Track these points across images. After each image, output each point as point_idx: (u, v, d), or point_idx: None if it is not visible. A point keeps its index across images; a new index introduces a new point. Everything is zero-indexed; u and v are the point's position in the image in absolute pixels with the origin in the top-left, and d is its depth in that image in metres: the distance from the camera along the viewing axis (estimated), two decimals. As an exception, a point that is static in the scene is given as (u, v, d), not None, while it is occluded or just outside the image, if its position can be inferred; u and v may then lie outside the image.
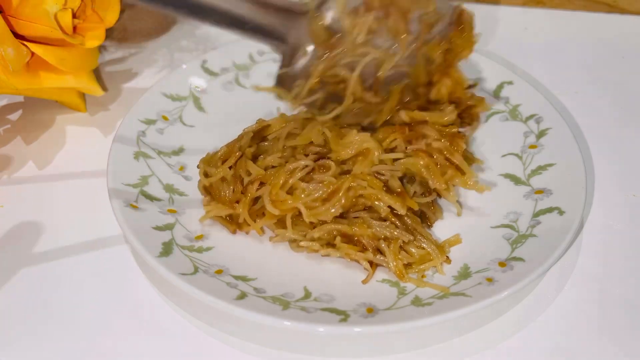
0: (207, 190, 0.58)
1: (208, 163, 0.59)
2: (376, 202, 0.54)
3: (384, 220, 0.54)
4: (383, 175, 0.56)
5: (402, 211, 0.54)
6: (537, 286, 0.54)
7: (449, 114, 0.59)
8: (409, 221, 0.55)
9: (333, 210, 0.54)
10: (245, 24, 0.54)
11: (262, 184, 0.56)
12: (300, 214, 0.54)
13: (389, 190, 0.55)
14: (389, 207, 0.54)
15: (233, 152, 0.58)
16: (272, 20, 0.55)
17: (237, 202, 0.56)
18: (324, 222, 0.55)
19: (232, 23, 0.53)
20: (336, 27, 0.56)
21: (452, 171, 0.58)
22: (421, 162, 0.57)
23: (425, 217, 0.58)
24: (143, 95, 0.66)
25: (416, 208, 0.55)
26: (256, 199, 0.56)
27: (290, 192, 0.54)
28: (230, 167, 0.57)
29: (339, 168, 0.55)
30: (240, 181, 0.57)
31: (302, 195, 0.54)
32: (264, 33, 0.55)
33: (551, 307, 0.52)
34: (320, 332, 0.47)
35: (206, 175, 0.58)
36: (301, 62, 0.57)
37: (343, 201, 0.54)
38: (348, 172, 0.55)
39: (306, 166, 0.55)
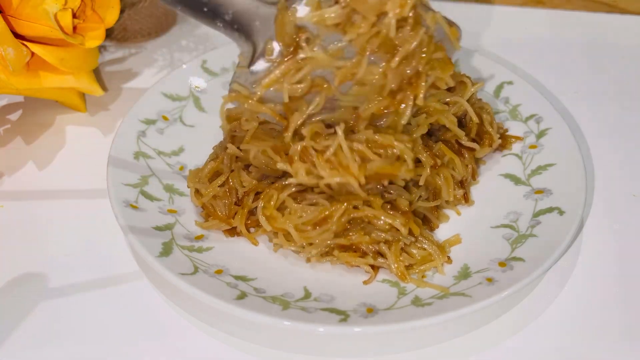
0: (202, 206, 0.58)
1: (197, 180, 0.58)
2: (374, 220, 0.53)
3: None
4: (391, 194, 0.54)
5: (402, 230, 0.53)
6: (537, 286, 0.54)
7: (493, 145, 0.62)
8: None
9: (324, 235, 0.53)
10: (205, 5, 0.47)
11: (258, 193, 0.55)
12: None
13: (393, 206, 0.54)
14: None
15: (223, 170, 0.58)
16: (238, 6, 0.48)
17: (235, 215, 0.56)
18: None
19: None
20: (307, 24, 0.51)
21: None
22: (442, 175, 0.57)
23: (428, 221, 0.58)
24: (143, 95, 0.66)
25: (417, 233, 0.54)
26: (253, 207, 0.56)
27: (282, 210, 0.54)
28: (222, 184, 0.57)
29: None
30: (235, 192, 0.57)
31: (296, 217, 0.53)
32: (226, 20, 0.48)
33: (551, 307, 0.52)
34: (320, 332, 0.47)
35: (198, 192, 0.58)
36: (261, 63, 0.52)
37: (334, 228, 0.52)
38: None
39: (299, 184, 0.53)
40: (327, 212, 0.52)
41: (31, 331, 0.50)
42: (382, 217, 0.53)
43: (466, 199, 0.59)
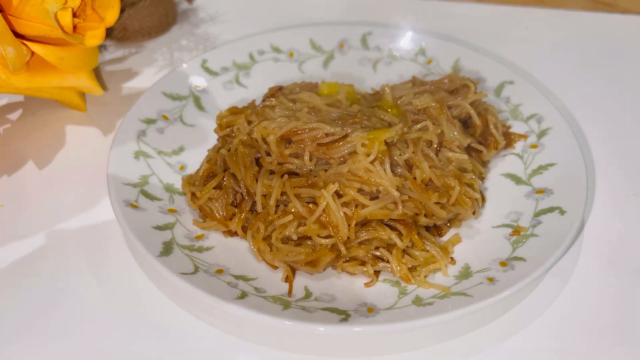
0: (200, 209, 0.58)
1: (192, 183, 0.58)
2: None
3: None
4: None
5: (400, 244, 0.53)
6: (538, 286, 0.54)
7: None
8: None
9: (314, 271, 0.53)
10: None
11: (254, 203, 0.55)
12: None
13: (395, 219, 0.53)
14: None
15: (217, 171, 0.58)
16: None
17: (232, 216, 0.56)
18: None
19: None
20: None
21: None
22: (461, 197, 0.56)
23: (439, 229, 0.57)
24: (143, 94, 0.66)
25: (420, 248, 0.54)
26: (251, 208, 0.56)
27: (271, 244, 0.54)
28: (218, 184, 0.57)
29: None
30: (232, 192, 0.57)
31: (283, 254, 0.53)
32: None
33: (551, 307, 0.52)
34: (320, 331, 0.47)
35: (194, 195, 0.58)
36: None
37: (323, 270, 0.53)
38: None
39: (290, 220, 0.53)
40: (314, 256, 0.52)
41: (31, 330, 0.50)
42: (379, 235, 0.53)
43: (482, 199, 0.59)
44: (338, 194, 0.52)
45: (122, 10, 0.70)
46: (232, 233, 0.57)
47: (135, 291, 0.53)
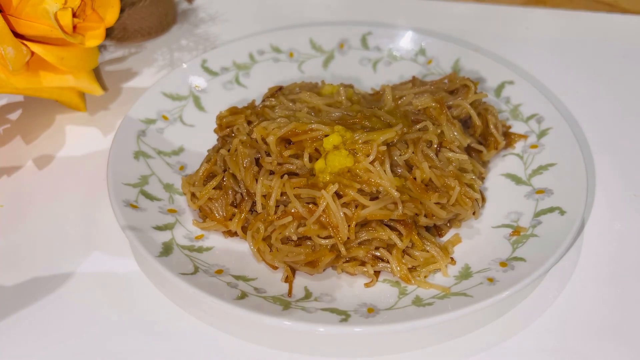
0: (199, 209, 0.58)
1: (192, 184, 0.58)
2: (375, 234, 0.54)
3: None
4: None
5: (399, 244, 0.53)
6: (538, 286, 0.54)
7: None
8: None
9: (314, 271, 0.53)
10: None
11: (254, 204, 0.55)
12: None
13: (395, 219, 0.53)
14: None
15: (217, 171, 0.58)
16: None
17: (232, 216, 0.56)
18: None
19: None
20: None
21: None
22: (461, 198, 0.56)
23: (439, 229, 0.57)
24: (143, 94, 0.66)
25: (421, 248, 0.54)
26: (251, 208, 0.56)
27: (271, 244, 0.54)
28: (218, 184, 0.57)
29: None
30: (232, 192, 0.57)
31: (283, 255, 0.53)
32: None
33: (552, 307, 0.52)
34: (320, 332, 0.47)
35: (194, 196, 0.58)
36: None
37: (322, 270, 0.53)
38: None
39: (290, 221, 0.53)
40: (314, 256, 0.52)
41: (32, 330, 0.50)
42: (379, 236, 0.53)
43: (482, 199, 0.59)
44: (338, 195, 0.52)
45: (122, 10, 0.70)
46: (232, 233, 0.57)
47: (135, 291, 0.53)
